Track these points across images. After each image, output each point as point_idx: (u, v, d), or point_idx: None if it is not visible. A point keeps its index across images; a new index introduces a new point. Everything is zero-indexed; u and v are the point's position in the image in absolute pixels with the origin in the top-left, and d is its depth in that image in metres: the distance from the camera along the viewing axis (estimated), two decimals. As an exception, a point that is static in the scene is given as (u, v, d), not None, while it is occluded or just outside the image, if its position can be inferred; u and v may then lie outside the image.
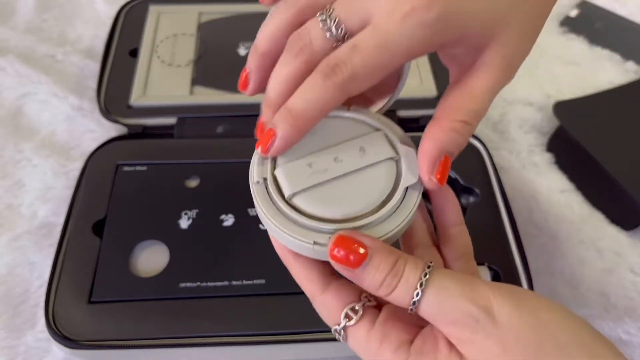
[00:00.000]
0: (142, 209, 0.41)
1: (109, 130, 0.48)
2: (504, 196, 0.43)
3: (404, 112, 0.48)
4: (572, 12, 0.61)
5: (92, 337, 0.35)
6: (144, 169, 0.43)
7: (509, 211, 0.42)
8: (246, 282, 0.37)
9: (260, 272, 0.38)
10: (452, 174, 0.43)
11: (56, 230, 0.42)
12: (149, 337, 0.35)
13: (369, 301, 0.25)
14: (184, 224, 0.40)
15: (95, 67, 0.53)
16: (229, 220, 0.41)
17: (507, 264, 0.40)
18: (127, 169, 0.43)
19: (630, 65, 0.56)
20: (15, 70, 0.52)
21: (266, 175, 0.26)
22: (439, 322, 0.23)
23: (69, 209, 0.41)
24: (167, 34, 0.53)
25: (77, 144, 0.48)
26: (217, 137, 0.46)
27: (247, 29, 0.54)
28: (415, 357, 0.23)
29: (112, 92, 0.49)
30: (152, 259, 0.39)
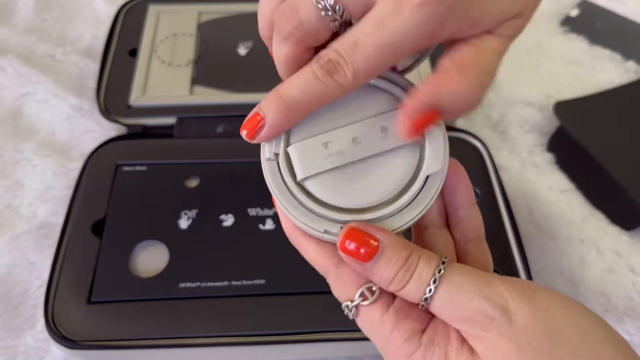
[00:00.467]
0: (142, 209, 0.41)
1: (109, 130, 0.48)
2: (505, 196, 0.43)
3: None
4: (573, 12, 0.61)
5: (92, 337, 0.35)
6: (144, 168, 0.43)
7: (510, 211, 0.42)
8: (246, 282, 0.37)
9: (260, 272, 0.38)
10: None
11: (56, 230, 0.42)
12: (149, 337, 0.35)
13: None
14: (184, 224, 0.40)
15: (94, 67, 0.53)
16: (228, 220, 0.41)
17: (507, 264, 0.40)
18: (126, 168, 0.43)
19: (630, 65, 0.56)
20: (15, 70, 0.52)
21: (278, 151, 0.24)
22: (450, 319, 0.22)
23: (68, 209, 0.41)
24: (167, 34, 0.53)
25: (77, 143, 0.48)
26: (216, 137, 0.46)
27: (247, 28, 0.54)
28: (425, 348, 0.22)
29: (112, 92, 0.49)
30: (151, 259, 0.39)
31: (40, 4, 0.59)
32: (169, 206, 0.41)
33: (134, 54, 0.52)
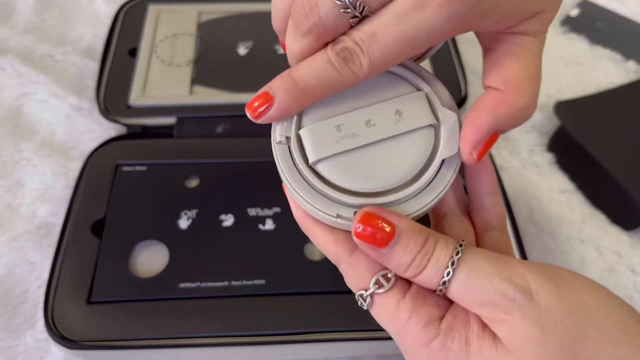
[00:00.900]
0: (142, 209, 0.41)
1: (109, 130, 0.48)
2: (505, 196, 0.43)
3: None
4: (573, 12, 0.61)
5: (92, 337, 0.35)
6: (144, 168, 0.43)
7: (510, 211, 0.42)
8: (246, 282, 0.37)
9: (260, 272, 0.38)
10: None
11: (55, 230, 0.42)
12: (149, 337, 0.35)
13: None
14: (184, 224, 0.40)
15: (94, 67, 0.53)
16: (228, 220, 0.41)
17: (507, 264, 0.39)
18: (126, 168, 0.43)
19: (631, 64, 0.56)
20: (14, 70, 0.52)
21: (290, 134, 0.24)
22: (470, 304, 0.22)
23: (68, 209, 0.41)
24: (167, 34, 0.53)
25: (77, 143, 0.48)
26: (216, 137, 0.46)
27: (247, 28, 0.54)
28: (445, 335, 0.22)
29: (112, 92, 0.49)
30: (151, 259, 0.39)
31: (40, 4, 0.59)
32: (169, 206, 0.41)
33: (133, 53, 0.52)
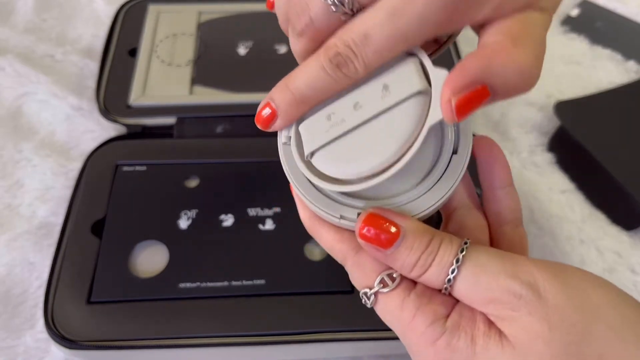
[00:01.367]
0: (142, 209, 0.41)
1: (108, 130, 0.48)
2: (505, 196, 0.43)
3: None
4: (573, 12, 0.61)
5: (91, 337, 0.35)
6: (144, 168, 0.43)
7: (510, 211, 0.42)
8: (246, 282, 0.37)
9: (260, 272, 0.38)
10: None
11: (55, 230, 0.42)
12: (149, 337, 0.35)
13: None
14: (184, 224, 0.40)
15: (94, 67, 0.53)
16: (228, 220, 0.41)
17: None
18: (126, 168, 0.43)
19: (631, 64, 0.56)
20: (14, 70, 0.52)
21: (291, 133, 0.24)
22: (475, 302, 0.21)
23: (68, 209, 0.41)
24: (167, 34, 0.53)
25: (77, 143, 0.48)
26: (216, 137, 0.46)
27: (247, 28, 0.54)
28: (451, 333, 0.21)
29: (112, 92, 0.49)
30: (151, 259, 0.39)
31: (40, 4, 0.59)
32: (169, 206, 0.41)
33: (133, 53, 0.52)
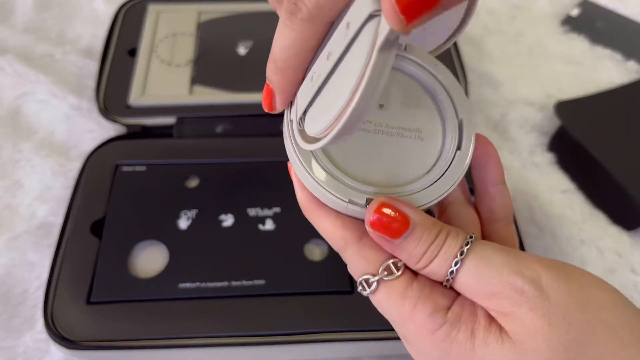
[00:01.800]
0: (141, 209, 0.41)
1: (108, 130, 0.48)
2: (505, 196, 0.43)
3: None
4: (574, 12, 0.61)
5: (91, 337, 0.35)
6: (143, 168, 0.43)
7: (510, 211, 0.42)
8: (246, 282, 0.37)
9: (259, 272, 0.38)
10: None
11: (55, 230, 0.42)
12: (148, 337, 0.35)
13: None
14: (184, 224, 0.40)
15: (94, 67, 0.53)
16: (228, 220, 0.40)
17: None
18: (126, 168, 0.43)
19: (631, 64, 0.56)
20: (14, 69, 0.52)
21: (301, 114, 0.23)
22: (477, 295, 0.21)
23: (67, 209, 0.41)
24: (167, 34, 0.53)
25: (76, 143, 0.48)
26: (216, 137, 0.46)
27: (247, 28, 0.54)
28: (451, 324, 0.21)
29: (111, 92, 0.49)
30: (151, 259, 0.39)
31: (39, 4, 0.59)
32: (169, 206, 0.41)
33: (133, 53, 0.52)
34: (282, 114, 0.25)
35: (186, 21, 0.54)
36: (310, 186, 0.23)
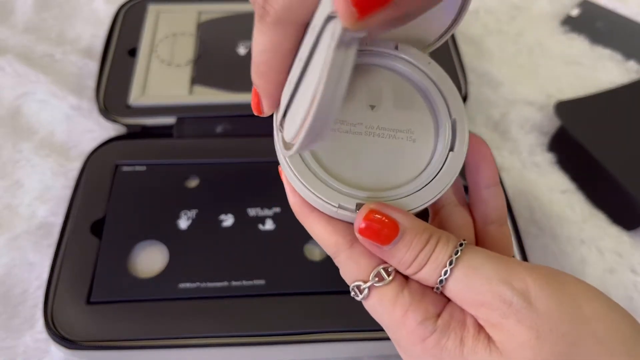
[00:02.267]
0: (141, 209, 0.41)
1: (108, 130, 0.48)
2: (505, 196, 0.43)
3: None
4: (574, 12, 0.61)
5: (91, 337, 0.35)
6: (143, 168, 0.43)
7: (510, 211, 0.42)
8: (246, 282, 0.37)
9: (259, 272, 0.38)
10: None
11: (55, 230, 0.42)
12: (148, 337, 0.35)
13: None
14: (184, 224, 0.40)
15: (94, 67, 0.53)
16: (228, 220, 0.40)
17: (508, 265, 0.39)
18: (126, 168, 0.43)
19: (631, 64, 0.56)
20: (13, 69, 0.52)
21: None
22: (466, 304, 0.21)
23: (67, 209, 0.41)
24: (167, 34, 0.53)
25: (76, 143, 0.48)
26: (216, 137, 0.46)
27: (247, 28, 0.54)
28: (440, 332, 0.21)
29: (111, 92, 0.49)
30: (151, 259, 0.39)
31: (39, 3, 0.59)
32: (169, 206, 0.41)
33: (133, 53, 0.52)
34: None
35: (186, 21, 0.54)
36: (300, 191, 0.23)
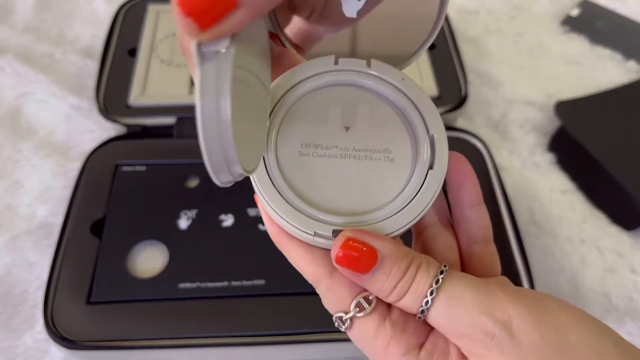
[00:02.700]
0: (141, 209, 0.41)
1: (108, 130, 0.48)
2: (505, 196, 0.43)
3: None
4: (574, 12, 0.61)
5: (91, 337, 0.35)
6: (143, 168, 0.43)
7: (510, 211, 0.42)
8: (246, 282, 0.37)
9: (259, 272, 0.38)
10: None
11: (55, 230, 0.42)
12: (148, 337, 0.35)
13: None
14: (184, 224, 0.40)
15: (94, 67, 0.53)
16: (228, 220, 0.40)
17: (508, 264, 0.39)
18: (126, 168, 0.43)
19: (631, 64, 0.56)
20: (14, 69, 0.52)
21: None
22: (449, 334, 0.21)
23: (67, 209, 0.41)
24: (166, 33, 0.53)
25: (76, 143, 0.48)
26: (216, 136, 0.46)
27: (247, 28, 0.54)
28: None
29: (111, 92, 0.49)
30: (151, 259, 0.39)
31: (39, 4, 0.59)
32: (169, 206, 0.41)
33: (133, 53, 0.51)
34: None
35: (186, 21, 0.54)
36: (276, 219, 0.22)
